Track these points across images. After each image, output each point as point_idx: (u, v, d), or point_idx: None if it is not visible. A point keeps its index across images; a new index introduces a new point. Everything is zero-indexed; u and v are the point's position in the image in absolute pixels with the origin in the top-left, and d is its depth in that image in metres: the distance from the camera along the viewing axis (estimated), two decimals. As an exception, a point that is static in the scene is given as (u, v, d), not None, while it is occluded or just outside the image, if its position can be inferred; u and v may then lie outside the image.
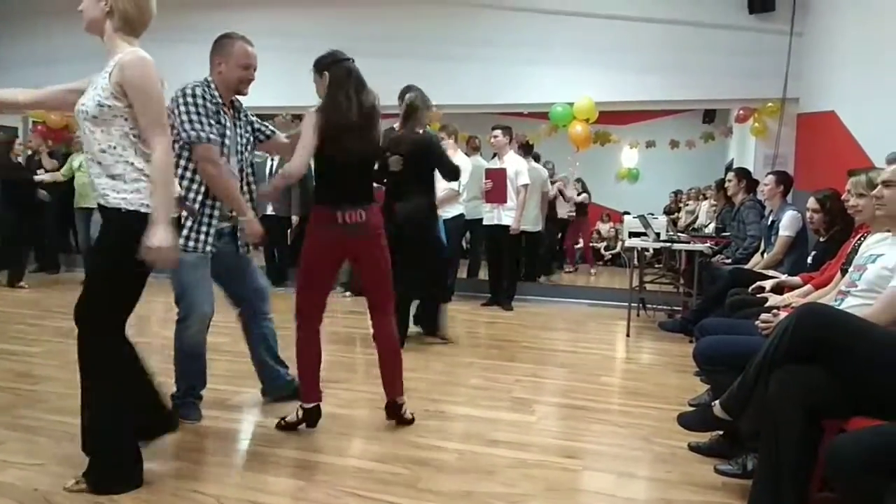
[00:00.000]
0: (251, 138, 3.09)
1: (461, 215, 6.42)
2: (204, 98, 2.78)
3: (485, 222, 6.50)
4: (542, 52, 6.86)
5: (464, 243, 7.89)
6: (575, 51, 6.80)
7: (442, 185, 4.87)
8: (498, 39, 6.96)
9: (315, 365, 2.94)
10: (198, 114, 2.75)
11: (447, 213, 5.82)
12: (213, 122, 2.80)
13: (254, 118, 3.17)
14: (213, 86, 2.88)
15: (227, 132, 2.88)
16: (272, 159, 6.87)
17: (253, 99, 3.08)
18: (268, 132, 3.19)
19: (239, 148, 2.99)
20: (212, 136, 2.77)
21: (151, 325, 5.55)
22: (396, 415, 3.05)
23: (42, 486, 2.30)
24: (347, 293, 6.90)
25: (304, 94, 3.23)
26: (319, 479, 2.45)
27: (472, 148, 7.32)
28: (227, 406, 3.25)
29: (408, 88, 4.33)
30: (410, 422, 3.06)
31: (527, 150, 6.93)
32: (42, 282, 7.07)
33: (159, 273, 2.29)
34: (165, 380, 3.67)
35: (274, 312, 3.32)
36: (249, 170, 3.09)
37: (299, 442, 2.80)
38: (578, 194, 9.78)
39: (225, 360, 4.14)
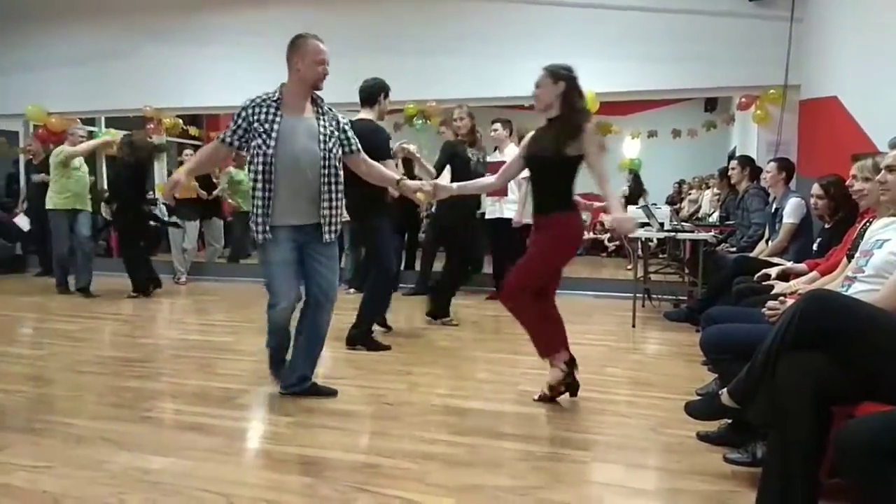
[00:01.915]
0: (335, 133, 3.20)
1: None
2: (245, 109, 3.10)
3: (487, 216, 6.47)
4: (540, 43, 6.80)
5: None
6: (574, 42, 6.75)
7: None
8: (495, 32, 6.93)
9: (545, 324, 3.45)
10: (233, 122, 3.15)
11: None
12: (247, 123, 3.10)
13: (346, 124, 3.29)
14: (277, 92, 3.13)
15: (276, 126, 3.06)
16: None
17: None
18: (351, 148, 3.30)
19: (322, 138, 3.13)
20: (227, 138, 3.15)
21: (157, 326, 5.56)
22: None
23: (50, 488, 2.30)
24: (351, 289, 6.90)
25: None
26: (328, 475, 2.44)
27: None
28: (234, 404, 3.25)
29: None
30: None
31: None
32: (46, 286, 7.08)
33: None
34: (174, 379, 3.71)
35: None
36: (335, 164, 3.18)
37: (306, 439, 2.80)
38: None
39: (231, 360, 4.15)
